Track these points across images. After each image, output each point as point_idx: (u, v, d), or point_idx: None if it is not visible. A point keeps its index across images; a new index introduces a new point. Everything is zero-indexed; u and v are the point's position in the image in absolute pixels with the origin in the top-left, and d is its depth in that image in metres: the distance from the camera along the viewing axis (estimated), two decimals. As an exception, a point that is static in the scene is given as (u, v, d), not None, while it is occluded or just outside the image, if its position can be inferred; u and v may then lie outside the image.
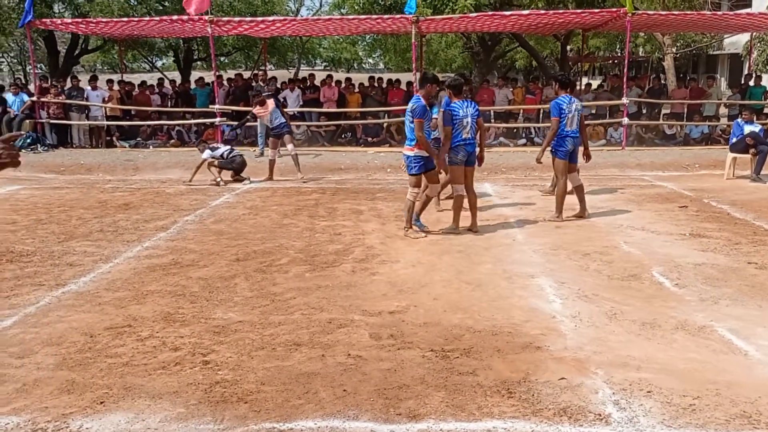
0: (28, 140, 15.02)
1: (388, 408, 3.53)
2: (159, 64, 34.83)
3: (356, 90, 16.93)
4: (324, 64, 51.52)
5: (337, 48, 46.37)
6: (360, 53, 48.74)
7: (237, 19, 15.85)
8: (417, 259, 6.45)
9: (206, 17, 14.42)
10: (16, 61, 41.51)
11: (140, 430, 3.37)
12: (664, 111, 17.07)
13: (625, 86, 14.70)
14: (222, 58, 29.77)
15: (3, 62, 41.72)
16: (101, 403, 3.66)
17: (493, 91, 16.33)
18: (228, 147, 11.77)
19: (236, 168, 11.43)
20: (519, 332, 4.57)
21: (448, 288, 5.58)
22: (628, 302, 5.19)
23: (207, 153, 11.33)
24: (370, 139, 15.76)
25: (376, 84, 17.28)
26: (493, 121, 15.47)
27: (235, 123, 14.46)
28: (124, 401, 3.68)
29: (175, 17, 15.36)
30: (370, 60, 52.63)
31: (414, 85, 14.77)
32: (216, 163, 11.29)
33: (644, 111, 16.29)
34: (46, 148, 15.13)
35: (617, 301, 5.21)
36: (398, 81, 17.18)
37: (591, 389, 3.72)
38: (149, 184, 11.49)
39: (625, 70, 15.05)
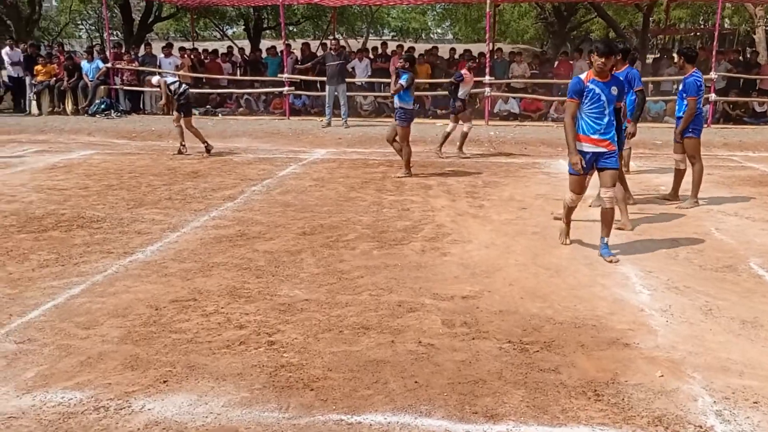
0: (102, 106, 15.29)
1: (464, 405, 3.27)
2: (230, 32, 35.12)
3: (425, 60, 16.50)
4: (392, 33, 50.93)
5: (406, 17, 45.72)
6: (429, 23, 47.94)
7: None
8: (490, 240, 6.13)
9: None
10: (93, 28, 42.48)
11: (203, 414, 3.22)
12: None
13: (714, 60, 13.79)
14: (291, 27, 29.68)
15: (82, 29, 42.76)
16: (164, 382, 3.53)
17: (571, 64, 15.63)
18: (178, 80, 11.38)
19: (183, 106, 10.92)
20: (604, 326, 4.22)
21: (524, 273, 5.25)
22: (723, 296, 4.75)
23: (156, 78, 11.59)
24: (438, 110, 15.36)
25: (447, 56, 16.81)
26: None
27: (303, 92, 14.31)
28: (187, 381, 3.54)
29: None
30: (439, 30, 51.77)
31: (485, 57, 14.27)
32: (166, 100, 11.12)
33: (735, 87, 15.25)
34: (119, 114, 15.36)
35: (712, 294, 4.78)
36: (468, 52, 16.65)
37: (689, 396, 3.36)
38: (217, 152, 11.46)
39: (715, 42, 14.12)
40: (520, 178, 9.26)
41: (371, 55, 16.61)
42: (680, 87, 7.62)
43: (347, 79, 14.27)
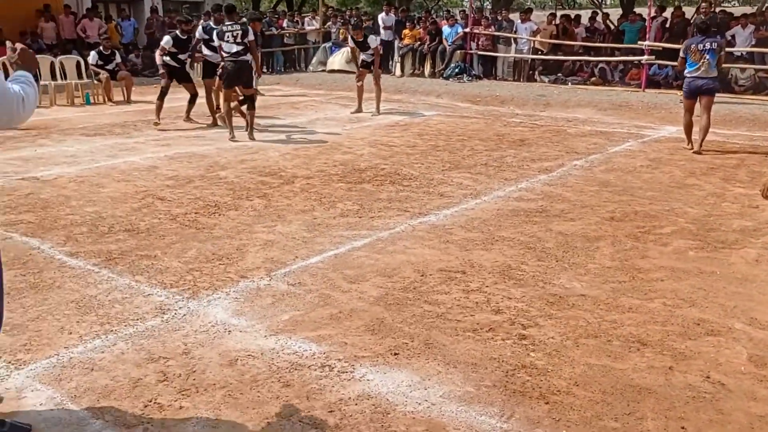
0: (456, 70, 15.79)
1: (739, 479, 2.40)
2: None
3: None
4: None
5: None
6: None
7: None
8: None
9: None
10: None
11: (417, 399, 2.92)
12: None
13: None
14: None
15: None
16: (395, 354, 3.31)
17: None
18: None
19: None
20: None
21: None
22: None
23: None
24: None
25: None
26: None
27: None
28: (417, 359, 3.27)
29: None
30: None
31: None
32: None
33: None
34: (470, 78, 15.71)
35: None
36: None
37: None
38: (554, 121, 10.92)
39: None
40: None
41: (756, 21, 14.10)
42: None
43: (728, 49, 12.29)
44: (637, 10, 18.72)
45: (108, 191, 6.33)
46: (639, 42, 13.89)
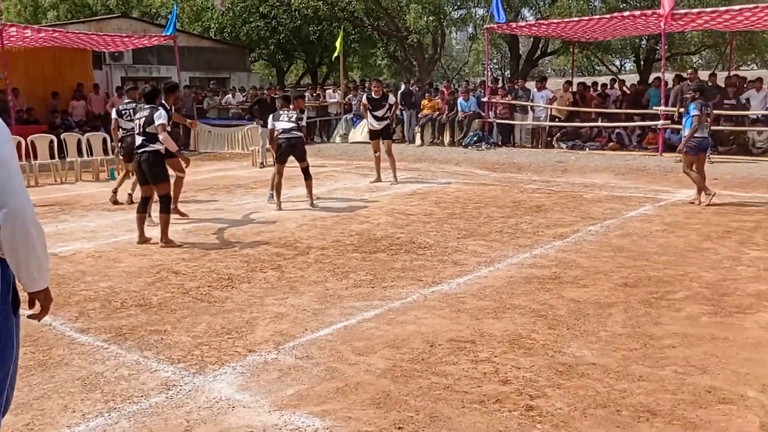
0: (475, 138, 16.01)
1: None
2: (628, 66, 33.80)
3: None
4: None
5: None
6: None
7: (695, 11, 14.04)
8: None
9: (660, 11, 13.11)
10: (497, 66, 45.21)
11: (418, 475, 2.89)
12: None
13: None
14: (691, 58, 27.33)
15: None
16: (399, 428, 3.29)
17: None
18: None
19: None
20: None
21: None
22: None
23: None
24: None
25: None
26: None
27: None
28: (421, 432, 3.24)
29: (626, 14, 14.42)
30: None
31: None
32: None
33: None
34: (489, 146, 15.90)
35: None
36: None
37: None
38: (570, 187, 10.96)
39: None
40: None
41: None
42: None
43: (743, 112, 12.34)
44: (656, 75, 18.94)
45: (123, 266, 6.46)
46: (654, 107, 14.00)
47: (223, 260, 6.58)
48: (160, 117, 7.15)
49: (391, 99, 11.85)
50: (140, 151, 7.29)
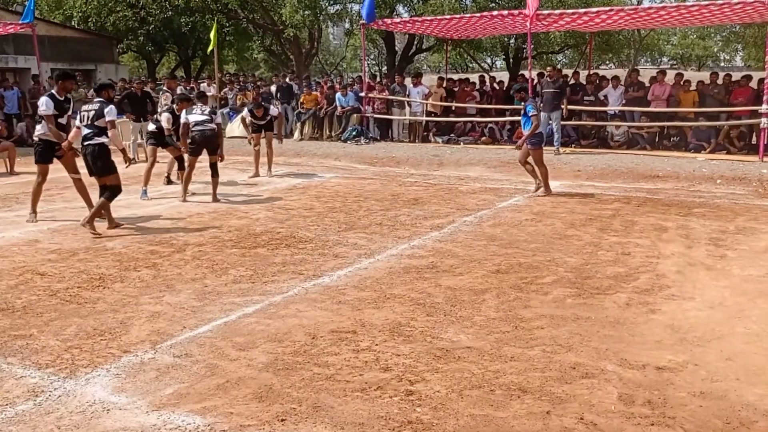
0: (353, 132, 16.14)
1: None
2: (498, 63, 35.22)
3: (692, 88, 14.72)
4: (671, 62, 47.05)
5: (686, 44, 42.05)
6: (715, 49, 43.35)
7: (558, 12, 14.88)
8: (719, 299, 5.00)
9: (526, 11, 13.79)
10: (374, 62, 45.64)
11: (302, 464, 2.91)
12: None
13: None
14: (556, 56, 28.87)
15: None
16: (282, 420, 3.29)
17: None
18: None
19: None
20: None
21: (752, 345, 4.13)
22: None
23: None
24: (705, 144, 13.55)
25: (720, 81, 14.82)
26: None
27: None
28: (304, 423, 3.26)
29: (494, 13, 15.05)
30: (725, 56, 46.70)
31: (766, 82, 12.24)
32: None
33: None
34: (368, 140, 16.08)
35: None
36: (748, 77, 14.49)
37: None
38: (446, 180, 11.32)
39: None
40: None
41: (623, 84, 15.28)
42: None
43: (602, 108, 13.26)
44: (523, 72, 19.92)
45: (-18, 269, 6.01)
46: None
47: (93, 260, 6.26)
48: (111, 113, 7.36)
49: (273, 111, 11.80)
50: (86, 143, 7.45)
